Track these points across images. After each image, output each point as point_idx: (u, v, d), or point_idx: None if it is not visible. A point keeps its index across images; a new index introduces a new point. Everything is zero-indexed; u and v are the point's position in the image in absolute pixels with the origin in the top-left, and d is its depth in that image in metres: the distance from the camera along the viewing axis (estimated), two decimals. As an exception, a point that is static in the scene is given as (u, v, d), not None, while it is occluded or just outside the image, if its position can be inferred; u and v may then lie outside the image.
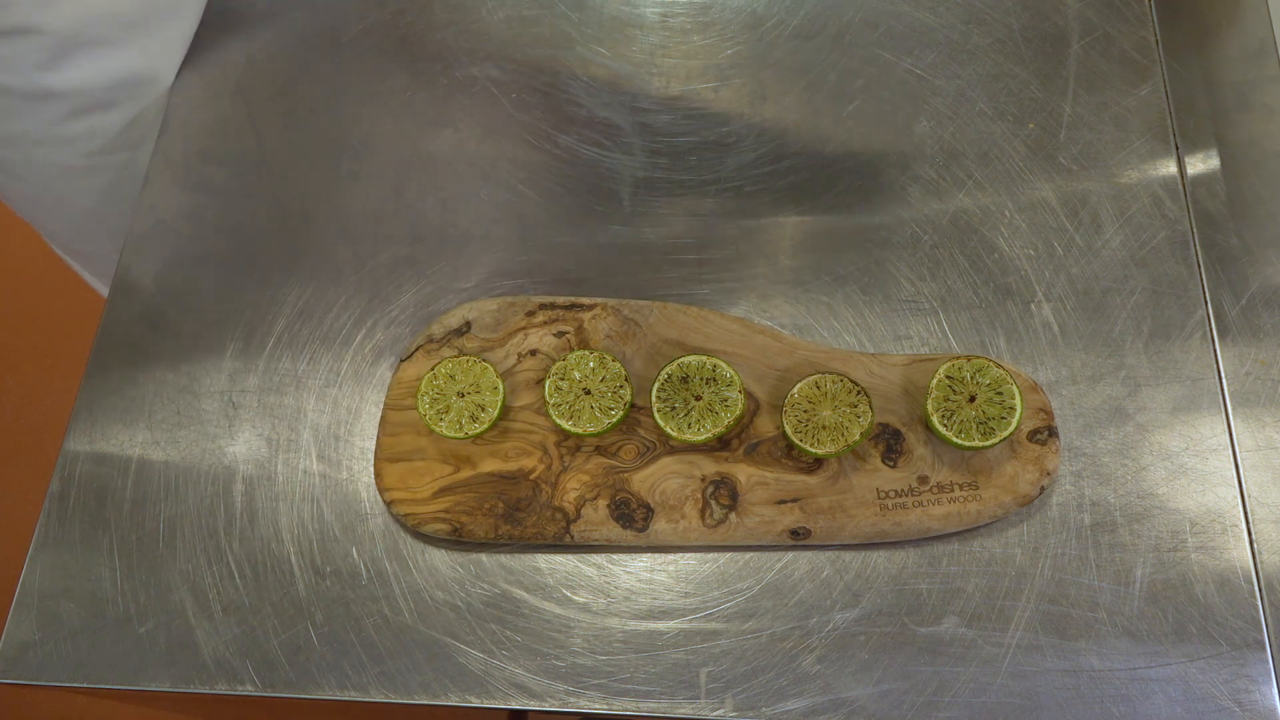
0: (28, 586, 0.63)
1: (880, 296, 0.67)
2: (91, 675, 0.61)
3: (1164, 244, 0.67)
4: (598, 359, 0.62)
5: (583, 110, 0.76)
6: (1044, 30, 0.76)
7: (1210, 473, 0.61)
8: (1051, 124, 0.72)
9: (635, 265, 0.69)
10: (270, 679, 0.60)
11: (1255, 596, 0.58)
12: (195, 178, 0.75)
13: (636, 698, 0.58)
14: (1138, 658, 0.57)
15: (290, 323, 0.69)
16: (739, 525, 0.60)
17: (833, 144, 0.73)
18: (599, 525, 0.60)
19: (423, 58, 0.79)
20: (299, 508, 0.64)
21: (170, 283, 0.71)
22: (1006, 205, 0.70)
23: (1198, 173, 0.70)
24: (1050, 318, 0.66)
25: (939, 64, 0.75)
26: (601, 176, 0.73)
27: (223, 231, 0.73)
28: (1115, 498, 0.61)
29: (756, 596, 0.60)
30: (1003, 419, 0.58)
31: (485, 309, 0.66)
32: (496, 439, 0.63)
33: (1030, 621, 0.58)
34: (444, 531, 0.61)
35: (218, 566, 0.62)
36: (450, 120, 0.76)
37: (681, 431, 0.60)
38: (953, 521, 0.59)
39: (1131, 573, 0.59)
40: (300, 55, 0.79)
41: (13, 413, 1.63)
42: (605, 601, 0.60)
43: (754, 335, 0.65)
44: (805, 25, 0.77)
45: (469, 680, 0.59)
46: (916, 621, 0.59)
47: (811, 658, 0.58)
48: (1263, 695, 0.56)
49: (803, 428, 0.59)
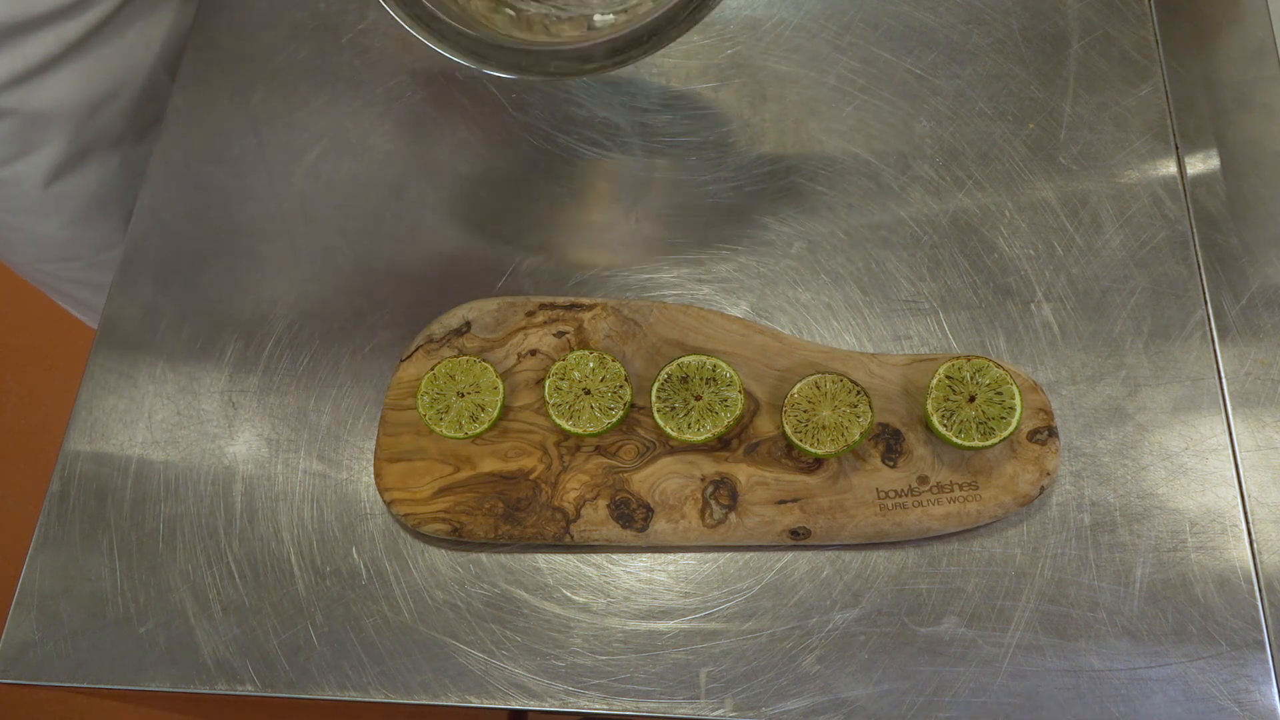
0: (28, 586, 0.63)
1: (880, 297, 0.67)
2: (91, 675, 0.61)
3: (1164, 244, 0.67)
4: (598, 359, 0.62)
5: (583, 110, 0.76)
6: (1044, 30, 0.76)
7: (1210, 473, 0.61)
8: (1051, 124, 0.72)
9: (635, 265, 0.69)
10: (270, 679, 0.60)
11: (1255, 596, 0.58)
12: (195, 178, 0.75)
13: (636, 698, 0.58)
14: (1138, 658, 0.57)
15: (290, 323, 0.69)
16: (739, 525, 0.60)
17: (832, 144, 0.73)
18: (599, 525, 0.60)
19: (423, 57, 0.79)
20: (299, 508, 0.64)
21: (170, 283, 0.71)
22: (1006, 205, 0.70)
23: (1198, 173, 0.70)
24: (1050, 318, 0.66)
25: (939, 64, 0.75)
26: (601, 176, 0.73)
27: (223, 231, 0.73)
28: (1115, 498, 0.61)
29: (756, 596, 0.60)
30: (1003, 419, 0.58)
31: (485, 309, 0.66)
32: (496, 439, 0.63)
33: (1030, 621, 0.58)
34: (444, 531, 0.61)
35: (218, 566, 0.62)
36: (450, 119, 0.76)
37: (681, 431, 0.60)
38: (953, 521, 0.59)
39: (1131, 573, 0.59)
40: (300, 54, 0.79)
41: (13, 413, 1.63)
42: (605, 601, 0.60)
43: (754, 335, 0.65)
44: (805, 25, 0.77)
45: (469, 680, 0.59)
46: (916, 621, 0.59)
47: (811, 658, 0.58)
48: (1263, 695, 0.56)
49: (803, 428, 0.59)
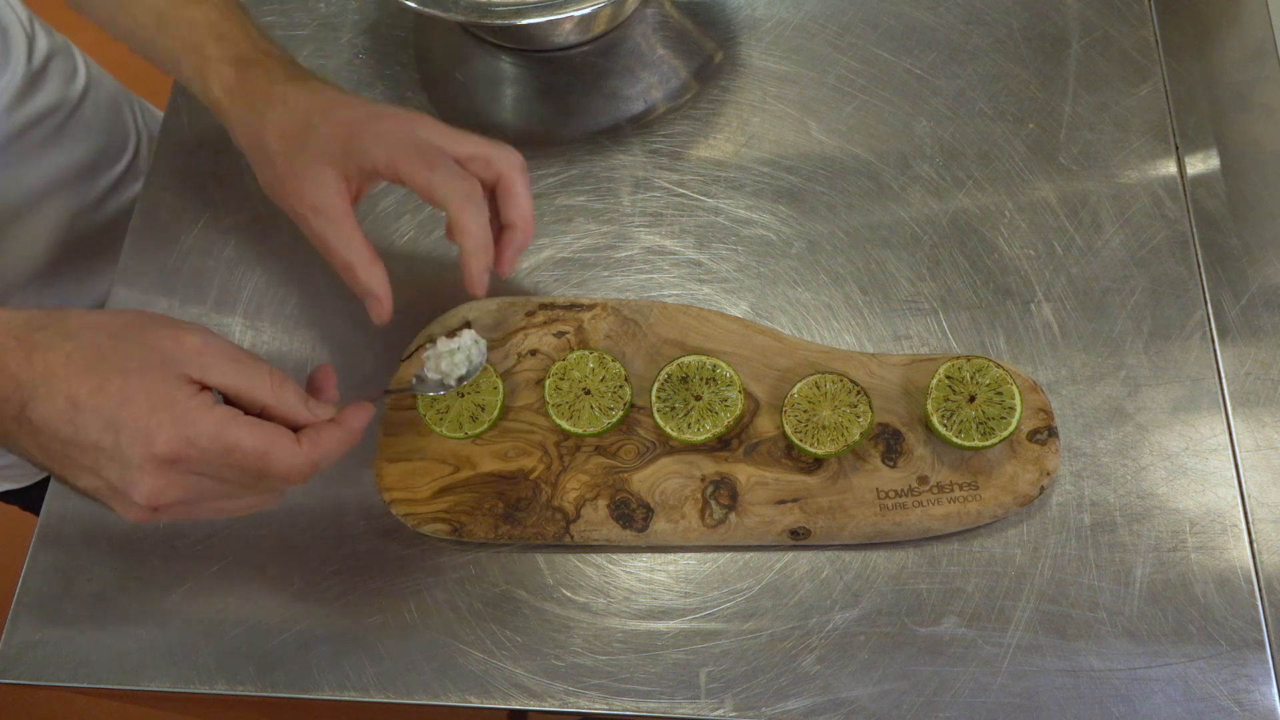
0: (28, 586, 0.63)
1: (880, 296, 0.67)
2: (91, 675, 0.61)
3: (1164, 244, 0.67)
4: (597, 359, 0.62)
5: (583, 111, 0.75)
6: (1044, 30, 0.76)
7: (1210, 473, 0.61)
8: (1051, 124, 0.72)
9: (635, 265, 0.69)
10: (270, 679, 0.60)
11: (1255, 596, 0.58)
12: (195, 178, 0.75)
13: (636, 698, 0.58)
14: (1138, 658, 0.57)
15: (291, 322, 0.69)
16: (739, 525, 0.60)
17: (833, 144, 0.73)
18: (599, 525, 0.60)
19: (424, 57, 0.79)
20: (299, 507, 0.63)
21: (170, 282, 0.71)
22: (1006, 205, 0.70)
23: (1198, 173, 0.70)
24: (1050, 318, 0.66)
25: (939, 64, 0.75)
26: (601, 177, 0.73)
27: (223, 231, 0.73)
28: (1115, 498, 0.61)
29: (756, 596, 0.60)
30: (1003, 419, 0.58)
31: (485, 309, 0.66)
32: (496, 439, 0.62)
33: (1030, 621, 0.58)
34: (444, 531, 0.61)
35: (218, 566, 0.62)
36: (451, 119, 0.76)
37: (681, 431, 0.60)
38: (953, 521, 0.59)
39: (1131, 573, 0.59)
40: (300, 54, 0.79)
41: (13, 413, 1.63)
42: (605, 601, 0.60)
43: (754, 335, 0.65)
44: (805, 25, 0.77)
45: (469, 680, 0.59)
46: (916, 621, 0.59)
47: (811, 658, 0.58)
48: (1263, 695, 0.56)
49: (803, 428, 0.59)
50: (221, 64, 0.59)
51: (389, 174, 0.55)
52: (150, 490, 0.45)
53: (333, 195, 0.56)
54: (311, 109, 0.57)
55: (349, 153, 0.55)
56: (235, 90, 0.59)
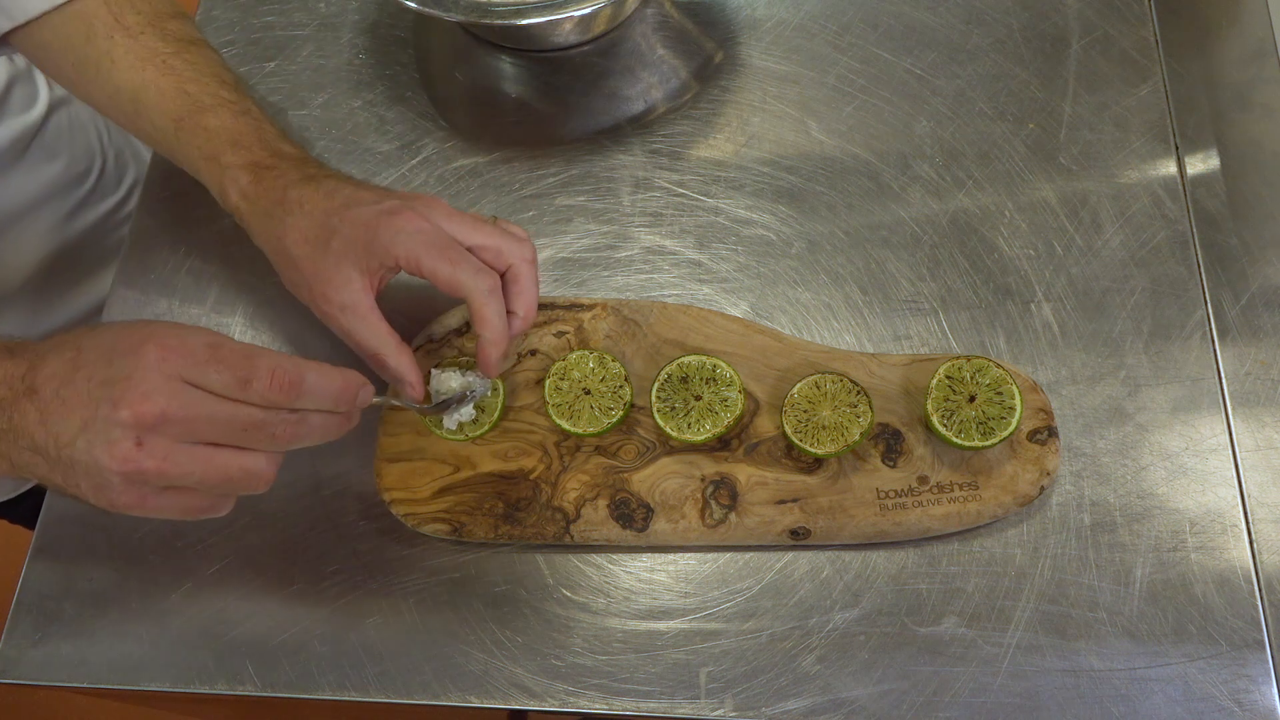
0: (28, 586, 0.63)
1: (880, 296, 0.67)
2: (91, 675, 0.61)
3: (1164, 244, 0.67)
4: (597, 359, 0.62)
5: (583, 111, 0.75)
6: (1044, 30, 0.76)
7: (1210, 473, 0.61)
8: (1051, 124, 0.72)
9: (635, 265, 0.69)
10: (270, 679, 0.60)
11: (1255, 596, 0.58)
12: (195, 177, 0.75)
13: (636, 698, 0.58)
14: (1138, 658, 0.57)
15: (291, 323, 0.69)
16: (739, 525, 0.60)
17: (833, 144, 0.73)
18: (599, 525, 0.60)
19: (424, 57, 0.79)
20: (299, 507, 0.63)
21: (170, 281, 0.71)
22: (1006, 205, 0.70)
23: (1198, 173, 0.70)
24: (1050, 318, 0.66)
25: (939, 64, 0.75)
26: (601, 177, 0.73)
27: (223, 230, 0.73)
28: (1115, 498, 0.61)
29: (756, 596, 0.60)
30: (1003, 419, 0.58)
31: (485, 309, 0.66)
32: (496, 439, 0.62)
33: (1030, 621, 0.58)
34: (444, 531, 0.61)
35: (218, 566, 0.62)
36: (451, 119, 0.76)
37: (681, 431, 0.60)
38: (953, 521, 0.59)
39: (1131, 573, 0.59)
40: (301, 53, 0.79)
41: (13, 413, 1.63)
42: (605, 601, 0.60)
43: (754, 335, 0.65)
44: (805, 25, 0.77)
45: (469, 680, 0.59)
46: (916, 621, 0.59)
47: (811, 658, 0.58)
48: (1263, 695, 0.56)
49: (803, 428, 0.59)
50: (238, 171, 0.61)
51: (411, 269, 0.57)
52: (129, 451, 0.45)
53: (358, 293, 0.57)
54: (329, 210, 0.58)
55: (371, 251, 0.57)
56: (252, 197, 0.60)
